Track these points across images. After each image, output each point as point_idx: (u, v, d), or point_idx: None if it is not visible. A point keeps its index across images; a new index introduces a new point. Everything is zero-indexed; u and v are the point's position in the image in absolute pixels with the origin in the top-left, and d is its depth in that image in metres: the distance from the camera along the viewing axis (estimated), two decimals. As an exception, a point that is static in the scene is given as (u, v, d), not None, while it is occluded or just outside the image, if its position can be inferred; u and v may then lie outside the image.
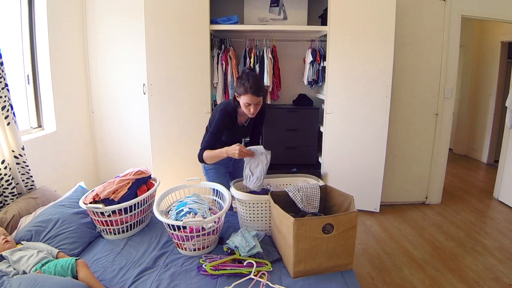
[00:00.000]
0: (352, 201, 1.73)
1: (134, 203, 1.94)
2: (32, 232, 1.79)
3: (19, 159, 2.15)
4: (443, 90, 3.47)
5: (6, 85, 2.05)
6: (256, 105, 1.98)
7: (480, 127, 5.36)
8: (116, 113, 3.61)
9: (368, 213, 3.42)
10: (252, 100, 1.95)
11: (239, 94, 1.98)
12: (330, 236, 1.57)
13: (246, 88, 1.92)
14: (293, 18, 3.43)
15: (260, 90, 1.95)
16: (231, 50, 3.37)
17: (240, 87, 1.95)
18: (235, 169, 2.34)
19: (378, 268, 2.52)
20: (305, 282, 1.55)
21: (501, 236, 3.01)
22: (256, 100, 1.95)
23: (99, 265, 1.69)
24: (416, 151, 3.59)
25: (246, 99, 1.95)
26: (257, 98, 1.95)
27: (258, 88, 1.94)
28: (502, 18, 3.48)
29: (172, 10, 3.02)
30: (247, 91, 1.93)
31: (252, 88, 1.92)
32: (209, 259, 1.71)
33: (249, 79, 1.93)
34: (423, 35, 3.37)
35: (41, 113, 2.95)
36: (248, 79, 1.93)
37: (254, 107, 1.98)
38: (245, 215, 1.97)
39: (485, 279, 2.37)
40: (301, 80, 3.72)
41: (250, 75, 1.95)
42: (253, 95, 1.93)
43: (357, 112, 3.23)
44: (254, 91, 1.92)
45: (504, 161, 3.72)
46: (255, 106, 1.98)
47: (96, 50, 3.49)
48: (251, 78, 1.94)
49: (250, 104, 1.96)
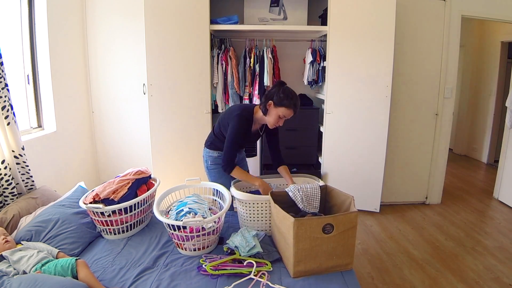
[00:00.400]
0: (352, 201, 1.73)
1: (134, 203, 1.94)
2: (32, 232, 1.78)
3: (19, 159, 2.15)
4: (443, 90, 3.47)
5: (6, 85, 2.05)
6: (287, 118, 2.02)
7: (480, 127, 5.36)
8: (116, 113, 3.61)
9: (368, 213, 3.42)
10: (289, 115, 1.98)
11: (280, 105, 1.95)
12: (330, 236, 1.57)
13: (292, 104, 1.94)
14: (293, 18, 3.43)
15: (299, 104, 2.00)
16: (231, 50, 3.37)
17: (284, 100, 1.93)
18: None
19: (378, 268, 2.52)
20: (305, 282, 1.55)
21: (501, 236, 3.01)
22: (292, 115, 1.99)
23: (99, 265, 1.69)
24: (416, 151, 3.59)
25: (285, 112, 1.96)
26: (294, 114, 1.99)
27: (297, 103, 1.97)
28: (502, 18, 3.48)
29: (172, 10, 3.02)
30: (290, 107, 1.94)
31: (295, 106, 1.95)
32: (209, 259, 1.71)
33: (293, 95, 1.95)
34: (423, 35, 3.37)
35: (41, 113, 2.95)
36: (292, 95, 1.95)
37: (282, 121, 2.01)
38: (245, 215, 1.97)
39: (485, 279, 2.37)
40: (301, 80, 3.72)
41: (291, 91, 1.97)
42: (294, 112, 1.97)
43: (357, 112, 3.23)
44: (296, 107, 1.96)
45: (504, 161, 3.72)
46: (284, 120, 2.01)
47: (96, 50, 3.49)
48: (293, 94, 1.96)
49: (283, 118, 1.99)
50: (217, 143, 2.22)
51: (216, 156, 2.25)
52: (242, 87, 3.41)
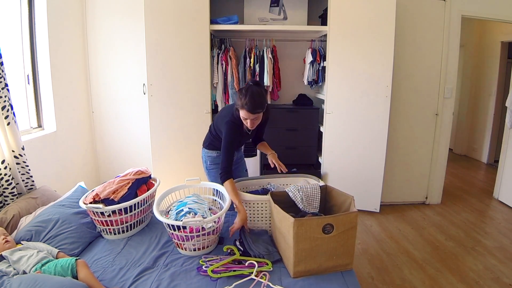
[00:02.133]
0: (352, 201, 1.73)
1: (134, 203, 1.94)
2: (32, 232, 1.79)
3: (19, 159, 2.15)
4: (443, 90, 3.46)
5: (6, 85, 2.05)
6: (254, 120, 1.94)
7: (480, 127, 5.36)
8: (116, 113, 3.61)
9: (368, 213, 3.42)
10: (248, 116, 1.91)
11: (237, 107, 1.94)
12: (330, 236, 1.57)
13: (243, 104, 1.88)
14: (293, 18, 3.43)
15: (256, 107, 1.88)
16: (231, 50, 3.37)
17: (238, 100, 1.92)
18: (235, 169, 2.34)
19: (378, 268, 2.52)
20: (305, 282, 1.55)
21: (501, 236, 3.01)
22: (252, 116, 1.91)
23: (99, 265, 1.69)
24: (416, 151, 3.59)
25: (243, 113, 1.92)
26: (252, 114, 1.90)
27: (254, 106, 1.87)
28: (502, 18, 3.48)
29: (172, 10, 3.02)
30: (243, 107, 1.89)
31: (248, 105, 1.87)
32: (209, 260, 1.70)
33: (247, 94, 1.87)
34: (423, 35, 3.37)
35: (41, 113, 2.95)
36: (246, 94, 1.87)
37: (251, 122, 1.94)
38: (245, 215, 1.97)
39: (485, 279, 2.37)
40: (301, 80, 3.72)
41: (249, 91, 1.88)
42: (248, 112, 1.89)
43: (357, 112, 3.23)
44: (249, 108, 1.87)
45: (504, 161, 3.72)
46: (252, 121, 1.94)
47: (96, 50, 3.49)
48: (249, 94, 1.87)
49: (247, 119, 1.93)
50: (215, 143, 2.23)
51: (215, 156, 2.25)
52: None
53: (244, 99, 1.88)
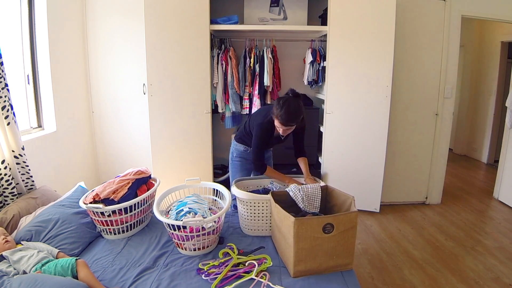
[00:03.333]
0: (352, 201, 1.73)
1: (134, 203, 1.94)
2: (32, 232, 1.78)
3: (19, 159, 2.15)
4: (443, 90, 3.47)
5: (6, 85, 2.05)
6: (286, 130, 2.04)
7: (480, 127, 5.36)
8: (116, 113, 3.61)
9: (368, 213, 3.42)
10: (280, 126, 2.02)
11: (275, 116, 2.01)
12: (330, 236, 1.57)
13: (277, 114, 1.98)
14: (293, 18, 3.43)
15: (290, 121, 1.98)
16: (231, 50, 3.37)
17: (274, 109, 2.00)
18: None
19: (378, 268, 2.51)
20: (305, 282, 1.55)
21: (501, 236, 3.01)
22: (285, 127, 2.01)
23: (99, 265, 1.69)
24: (416, 151, 3.59)
25: (278, 124, 2.03)
26: (286, 127, 2.01)
27: (288, 119, 1.97)
28: (502, 18, 3.48)
29: (172, 10, 3.02)
30: (277, 117, 1.99)
31: (281, 117, 1.97)
32: (208, 266, 1.66)
33: (284, 106, 1.96)
34: (423, 35, 3.37)
35: (41, 113, 2.95)
36: (283, 106, 1.96)
37: (283, 131, 2.05)
38: (245, 215, 1.98)
39: (485, 279, 2.37)
40: (301, 80, 3.72)
41: (287, 103, 1.97)
42: (281, 124, 2.00)
43: (357, 112, 3.23)
44: (283, 120, 1.97)
45: (504, 161, 3.72)
46: (284, 130, 2.04)
47: (96, 50, 3.49)
48: (286, 106, 1.96)
49: (282, 128, 2.03)
50: (245, 138, 2.35)
51: (243, 150, 2.38)
52: (242, 87, 3.41)
53: (279, 110, 1.97)
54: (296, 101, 2.02)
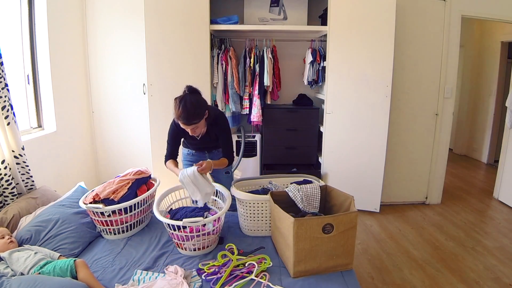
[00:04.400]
0: (352, 201, 1.73)
1: (134, 203, 1.94)
2: (32, 232, 1.79)
3: (19, 159, 2.15)
4: (443, 90, 3.46)
5: (6, 85, 2.05)
6: (193, 129, 1.91)
7: (480, 127, 5.36)
8: (116, 113, 3.61)
9: (368, 213, 3.42)
10: (184, 126, 1.89)
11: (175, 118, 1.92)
12: (330, 236, 1.57)
13: (177, 117, 1.85)
14: (293, 18, 3.43)
15: (191, 119, 1.85)
16: (231, 50, 3.37)
17: (174, 112, 1.87)
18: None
19: (378, 268, 2.51)
20: (305, 282, 1.55)
21: (501, 236, 3.01)
22: (187, 127, 1.89)
23: (99, 265, 1.69)
24: (416, 151, 3.59)
25: (181, 125, 1.90)
26: (188, 126, 1.88)
27: (187, 117, 1.84)
28: (502, 18, 3.48)
29: (172, 10, 3.02)
30: (178, 119, 1.87)
31: (182, 117, 1.84)
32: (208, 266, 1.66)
33: (180, 105, 1.83)
34: (423, 35, 3.37)
35: (41, 113, 2.95)
36: (179, 105, 1.83)
37: (191, 130, 1.92)
38: (245, 215, 1.98)
39: (485, 279, 2.37)
40: (301, 80, 3.72)
41: (183, 101, 1.84)
42: (183, 124, 1.87)
43: (357, 112, 3.23)
44: (183, 119, 1.85)
45: (504, 161, 3.72)
46: (191, 130, 1.91)
47: (96, 50, 3.49)
48: (182, 104, 1.83)
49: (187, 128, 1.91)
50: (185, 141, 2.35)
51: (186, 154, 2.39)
52: (242, 87, 3.41)
53: (177, 110, 1.83)
54: (194, 97, 1.89)
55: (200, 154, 2.31)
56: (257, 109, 3.34)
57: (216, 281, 1.52)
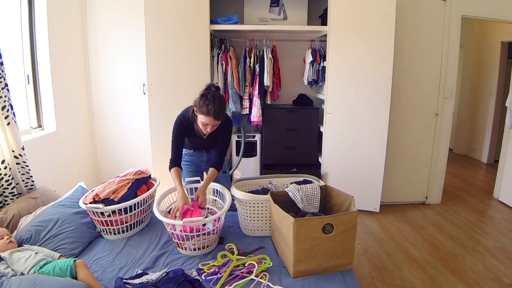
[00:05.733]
0: (352, 201, 1.73)
1: (134, 203, 1.94)
2: (32, 231, 1.78)
3: (19, 159, 2.15)
4: (443, 90, 3.46)
5: (6, 85, 2.05)
6: (214, 126, 1.94)
7: (480, 127, 5.36)
8: (116, 113, 3.61)
9: (368, 213, 3.42)
10: (211, 122, 1.89)
11: (200, 113, 1.89)
12: (330, 236, 1.57)
13: (209, 111, 1.85)
14: (293, 18, 3.43)
15: (221, 115, 1.91)
16: (231, 50, 3.37)
17: (203, 107, 1.86)
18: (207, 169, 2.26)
19: (378, 268, 2.52)
20: (305, 282, 1.55)
21: (501, 236, 3.01)
22: (215, 122, 1.90)
23: (99, 265, 1.69)
24: (416, 151, 3.59)
25: (206, 120, 1.88)
26: (217, 121, 1.90)
27: (220, 113, 1.88)
28: (502, 18, 3.48)
29: (172, 10, 3.02)
30: (209, 113, 1.86)
31: (216, 112, 1.85)
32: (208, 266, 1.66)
33: (215, 101, 1.85)
34: (423, 35, 3.37)
35: (41, 113, 2.95)
36: (214, 101, 1.85)
37: (211, 127, 1.94)
38: (245, 215, 1.98)
39: (485, 279, 2.37)
40: (301, 80, 3.72)
41: (216, 97, 1.87)
42: (214, 119, 1.88)
43: (357, 112, 3.23)
44: (215, 115, 1.86)
45: (504, 161, 3.72)
46: (212, 127, 1.93)
47: (96, 50, 3.49)
48: (217, 100, 1.86)
49: (208, 125, 1.91)
50: None
51: (184, 154, 2.28)
52: (242, 87, 3.40)
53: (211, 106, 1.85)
54: (221, 95, 1.96)
55: (198, 153, 2.30)
56: (257, 109, 3.34)
57: (216, 281, 1.52)
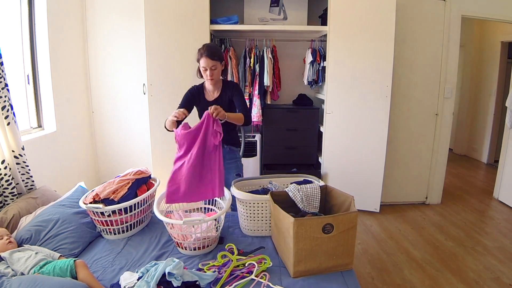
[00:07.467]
0: (352, 201, 1.73)
1: (134, 203, 1.94)
2: (32, 231, 1.78)
3: (19, 159, 2.15)
4: (443, 90, 3.46)
5: (6, 85, 2.05)
6: (212, 70, 2.12)
7: (480, 127, 5.36)
8: (116, 113, 3.61)
9: (368, 213, 3.42)
10: (207, 63, 2.10)
11: (198, 61, 2.15)
12: (330, 236, 1.56)
13: (202, 53, 2.10)
14: (293, 18, 3.43)
15: (214, 54, 2.11)
16: (231, 50, 3.37)
17: (197, 55, 2.14)
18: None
19: (378, 268, 2.52)
20: (305, 282, 1.55)
21: (501, 236, 3.01)
22: (211, 63, 2.10)
23: (99, 265, 1.69)
24: (416, 151, 3.59)
25: (202, 63, 2.11)
26: (211, 61, 2.09)
27: (212, 52, 2.10)
28: (502, 18, 3.48)
29: (172, 10, 3.02)
30: (202, 55, 2.10)
31: (207, 51, 2.09)
32: (208, 266, 1.65)
33: (205, 44, 2.16)
34: (423, 35, 3.37)
35: (41, 113, 2.95)
36: (205, 44, 2.16)
37: (210, 71, 2.12)
38: (245, 215, 1.98)
39: (485, 279, 2.37)
40: (301, 80, 3.72)
41: (207, 43, 2.19)
42: (207, 58, 2.09)
43: (357, 112, 3.23)
44: (208, 54, 2.09)
45: (504, 161, 3.72)
46: (211, 71, 2.12)
47: (96, 50, 3.49)
48: (207, 44, 2.17)
49: (207, 69, 2.11)
50: None
51: None
52: (242, 87, 3.40)
53: (202, 49, 2.12)
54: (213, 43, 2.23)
55: None
56: (257, 109, 3.34)
57: (216, 281, 1.52)
